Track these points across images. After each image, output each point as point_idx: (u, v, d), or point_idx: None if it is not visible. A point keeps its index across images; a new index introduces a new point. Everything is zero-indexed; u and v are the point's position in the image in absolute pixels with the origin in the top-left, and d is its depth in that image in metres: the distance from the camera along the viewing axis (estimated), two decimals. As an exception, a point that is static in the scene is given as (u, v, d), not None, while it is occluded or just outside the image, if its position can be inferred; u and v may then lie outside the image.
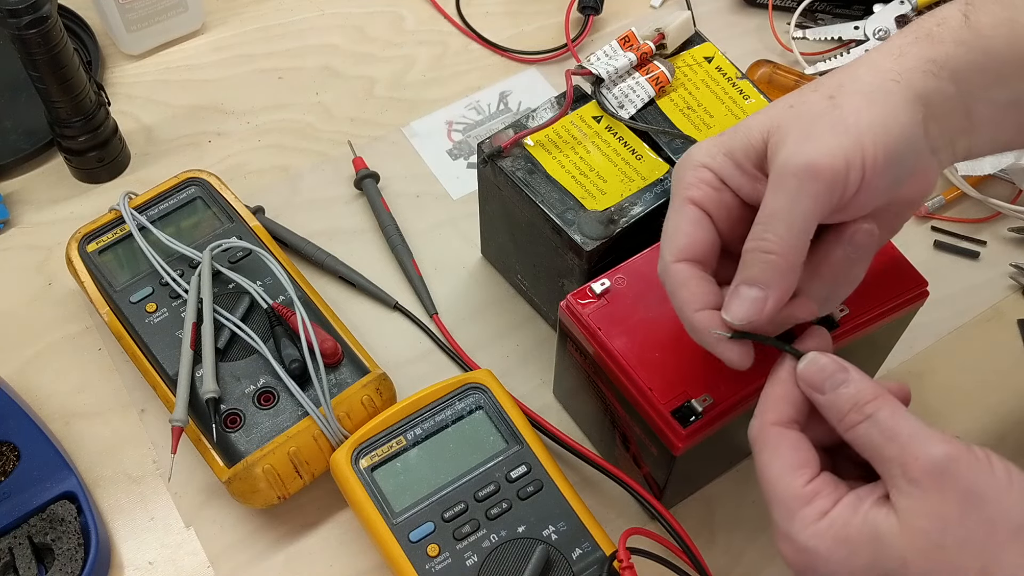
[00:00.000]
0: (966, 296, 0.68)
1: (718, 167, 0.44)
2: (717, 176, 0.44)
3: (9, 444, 0.58)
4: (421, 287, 0.68)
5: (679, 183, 0.45)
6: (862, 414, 0.40)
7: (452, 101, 0.79)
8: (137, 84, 0.80)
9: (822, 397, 0.41)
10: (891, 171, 0.41)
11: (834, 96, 0.42)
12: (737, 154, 0.43)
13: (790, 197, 0.40)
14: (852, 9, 0.82)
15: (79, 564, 0.54)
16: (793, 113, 0.42)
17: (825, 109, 0.41)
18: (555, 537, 0.52)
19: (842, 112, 0.41)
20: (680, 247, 0.44)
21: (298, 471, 0.56)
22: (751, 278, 0.41)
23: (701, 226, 0.44)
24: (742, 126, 0.44)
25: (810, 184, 0.40)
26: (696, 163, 0.44)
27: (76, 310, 0.67)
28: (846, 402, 0.40)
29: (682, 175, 0.45)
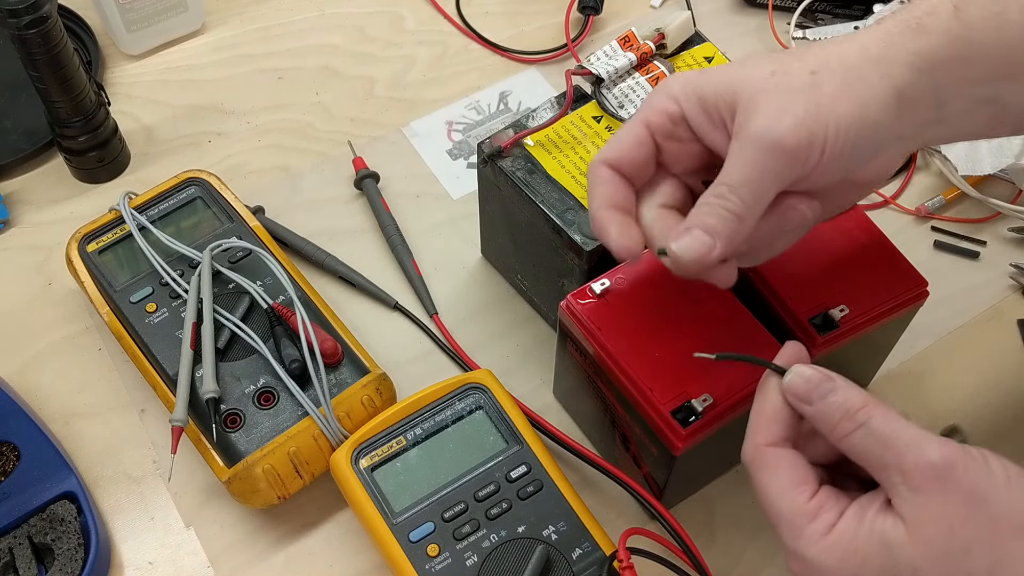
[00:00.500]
0: (966, 296, 0.68)
1: (687, 108, 0.45)
2: (681, 112, 0.45)
3: (9, 444, 0.58)
4: (421, 287, 0.68)
5: (648, 103, 0.47)
6: (854, 422, 0.40)
7: (452, 101, 0.79)
8: (137, 84, 0.80)
9: (811, 408, 0.41)
10: (851, 156, 0.42)
11: (816, 72, 0.42)
12: (708, 101, 0.44)
13: (757, 168, 0.42)
14: (852, 9, 0.82)
15: (79, 564, 0.54)
16: (772, 83, 0.42)
17: (804, 85, 0.42)
18: (555, 537, 0.52)
19: (819, 92, 0.42)
20: (611, 156, 0.46)
21: (298, 471, 0.56)
22: (708, 226, 0.43)
23: (642, 148, 0.46)
24: (719, 73, 0.44)
25: (778, 160, 0.41)
26: (668, 94, 0.46)
27: (76, 310, 0.67)
28: (836, 411, 0.40)
29: (653, 98, 0.46)
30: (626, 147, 0.46)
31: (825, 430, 0.41)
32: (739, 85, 0.43)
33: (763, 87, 0.42)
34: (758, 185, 0.42)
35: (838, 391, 0.41)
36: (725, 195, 0.42)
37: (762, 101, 0.42)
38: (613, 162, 0.47)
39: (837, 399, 0.40)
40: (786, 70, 0.43)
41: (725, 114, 0.44)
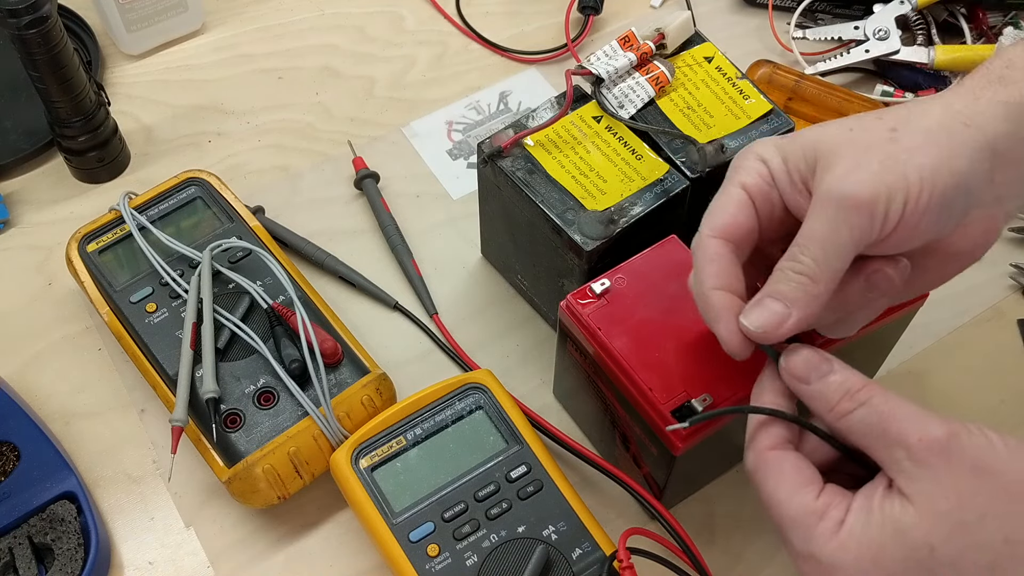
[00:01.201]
0: (966, 296, 0.68)
1: (773, 168, 0.44)
2: (771, 174, 0.44)
3: (9, 444, 0.58)
4: (421, 287, 0.68)
5: (736, 168, 0.45)
6: (855, 401, 0.39)
7: (452, 101, 0.79)
8: (137, 84, 0.80)
9: (809, 387, 0.41)
10: (936, 215, 0.40)
11: (896, 129, 0.41)
12: (790, 162, 0.43)
13: (829, 224, 0.40)
14: (852, 9, 0.82)
15: (79, 564, 0.54)
16: (849, 137, 0.41)
17: (882, 141, 0.41)
18: (555, 537, 0.52)
19: (897, 147, 0.40)
20: (721, 224, 0.44)
21: (298, 471, 0.56)
22: (780, 292, 0.41)
23: (745, 211, 0.44)
24: (800, 136, 0.43)
25: (850, 215, 0.40)
26: (756, 155, 0.44)
27: (76, 310, 0.67)
28: (835, 390, 0.40)
29: (741, 162, 0.45)
30: (732, 214, 0.44)
31: (823, 410, 0.40)
32: (818, 143, 0.42)
33: (840, 142, 0.41)
34: (830, 242, 0.40)
35: (836, 371, 0.40)
36: (796, 256, 0.41)
37: (838, 156, 0.41)
38: (724, 232, 0.44)
39: (836, 379, 0.40)
40: (865, 127, 0.42)
41: (806, 174, 0.42)
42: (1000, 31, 0.76)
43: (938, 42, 0.79)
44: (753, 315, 0.42)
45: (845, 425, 0.40)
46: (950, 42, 0.80)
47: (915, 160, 0.40)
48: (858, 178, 0.40)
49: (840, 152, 0.41)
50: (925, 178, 0.39)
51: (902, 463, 0.38)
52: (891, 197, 0.39)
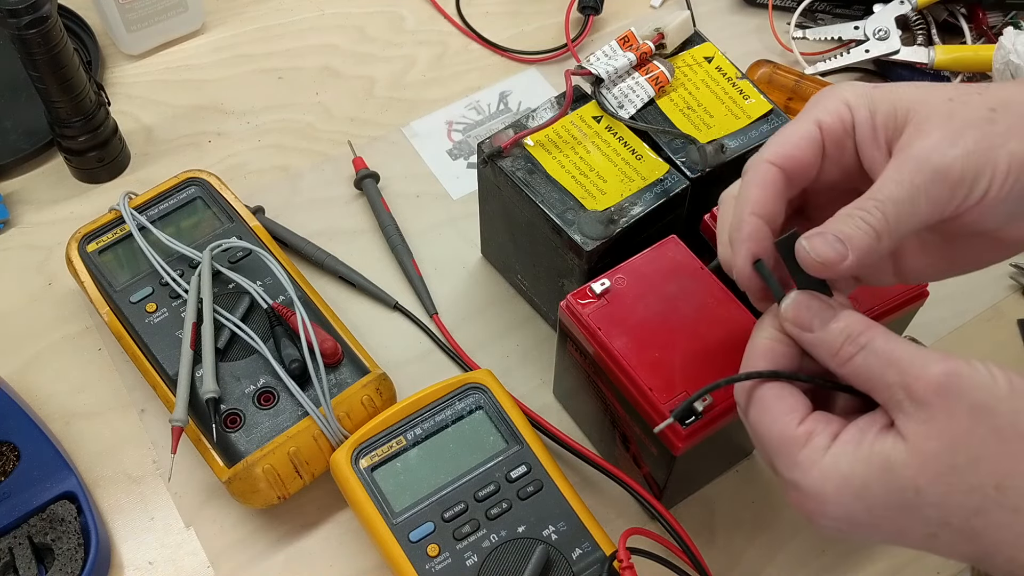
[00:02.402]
0: (966, 296, 0.68)
1: (858, 117, 0.42)
2: (852, 122, 0.42)
3: (9, 444, 0.58)
4: (421, 287, 0.68)
5: (816, 104, 0.43)
6: (856, 345, 0.38)
7: (452, 101, 0.79)
8: (137, 84, 0.80)
9: (811, 335, 0.40)
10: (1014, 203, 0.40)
11: (995, 110, 0.40)
12: (878, 116, 0.42)
13: (910, 190, 0.39)
14: (852, 9, 0.82)
15: (79, 564, 0.54)
16: (948, 108, 0.40)
17: (980, 119, 0.40)
18: (555, 537, 0.52)
19: (994, 129, 0.39)
20: (784, 153, 0.42)
21: (298, 471, 0.56)
22: (846, 235, 0.40)
23: (812, 148, 0.42)
24: (894, 92, 0.42)
25: (933, 186, 0.39)
26: (841, 98, 0.43)
27: (76, 310, 0.67)
28: (837, 336, 0.39)
29: (823, 101, 0.43)
30: (798, 146, 0.42)
31: (826, 357, 0.40)
32: (915, 104, 0.41)
33: (938, 111, 0.40)
34: (906, 206, 0.39)
35: (840, 317, 0.40)
36: (869, 208, 0.40)
37: (934, 125, 0.40)
38: (784, 161, 0.42)
39: (839, 325, 0.39)
40: (965, 100, 0.41)
41: (891, 132, 0.41)
42: (1000, 31, 0.76)
43: (938, 42, 0.79)
44: (817, 243, 0.40)
45: (850, 370, 0.39)
46: (950, 42, 0.80)
47: (1009, 145, 0.39)
48: (952, 153, 0.39)
49: (936, 121, 0.40)
50: (1013, 166, 0.39)
51: (902, 403, 0.37)
52: (977, 178, 0.39)
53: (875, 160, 0.42)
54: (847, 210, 0.40)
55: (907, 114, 0.41)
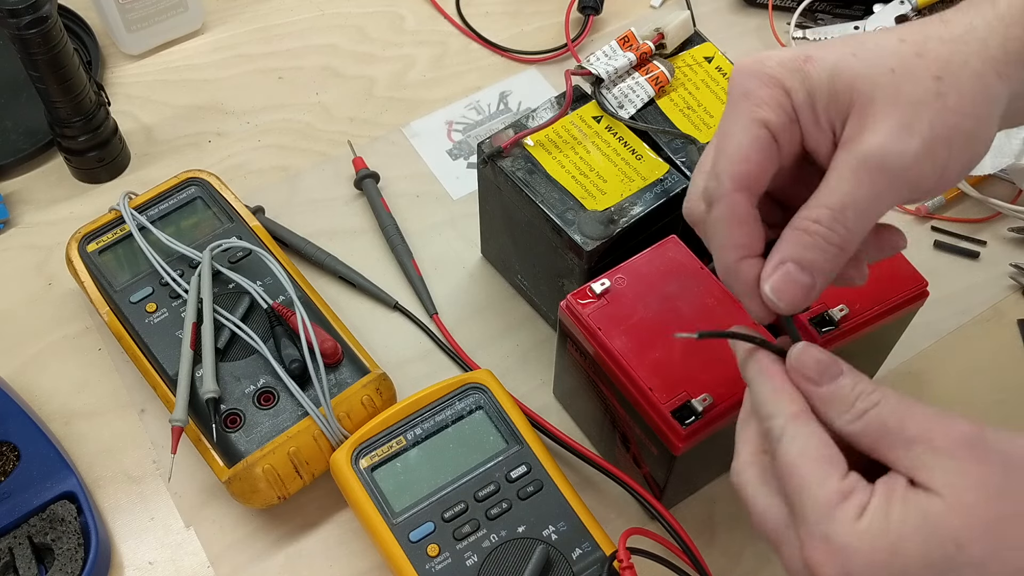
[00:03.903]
0: (966, 296, 0.68)
1: (796, 101, 0.38)
2: (793, 108, 0.39)
3: (9, 444, 0.58)
4: (421, 287, 0.68)
5: (748, 95, 0.39)
6: (870, 401, 0.37)
7: (452, 101, 0.79)
8: (137, 84, 0.80)
9: (821, 389, 0.38)
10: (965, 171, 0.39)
11: (941, 78, 0.37)
12: (818, 98, 0.38)
13: (869, 190, 0.37)
14: (852, 9, 0.82)
15: (79, 564, 0.54)
16: (892, 84, 0.37)
17: (929, 95, 0.37)
18: (555, 537, 0.52)
19: (945, 106, 0.37)
20: (745, 173, 0.38)
21: (298, 471, 0.56)
22: (806, 261, 0.38)
23: (769, 155, 0.39)
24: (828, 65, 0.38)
25: (893, 182, 0.37)
26: (775, 80, 0.39)
27: (76, 310, 0.67)
28: (849, 391, 0.37)
29: (753, 87, 0.39)
30: (755, 160, 0.39)
31: (835, 412, 0.38)
32: (855, 81, 0.38)
33: (882, 90, 0.37)
34: (868, 211, 0.37)
35: (847, 374, 0.38)
36: (827, 222, 0.37)
37: (881, 110, 0.37)
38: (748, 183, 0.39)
39: (848, 380, 0.38)
40: (908, 70, 0.37)
41: (834, 115, 0.38)
42: (1000, 31, 0.76)
43: (938, 42, 0.79)
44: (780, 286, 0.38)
45: (861, 426, 0.37)
46: (950, 42, 0.79)
47: (962, 126, 0.37)
48: (910, 148, 0.37)
49: (883, 104, 0.37)
50: (965, 146, 0.38)
51: (924, 459, 0.35)
52: (934, 165, 0.37)
53: (819, 143, 0.39)
54: (801, 223, 0.38)
55: (849, 94, 0.38)
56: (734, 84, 0.40)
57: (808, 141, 0.39)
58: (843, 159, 0.38)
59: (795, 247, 0.38)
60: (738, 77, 0.40)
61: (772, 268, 0.38)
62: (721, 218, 0.39)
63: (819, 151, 0.39)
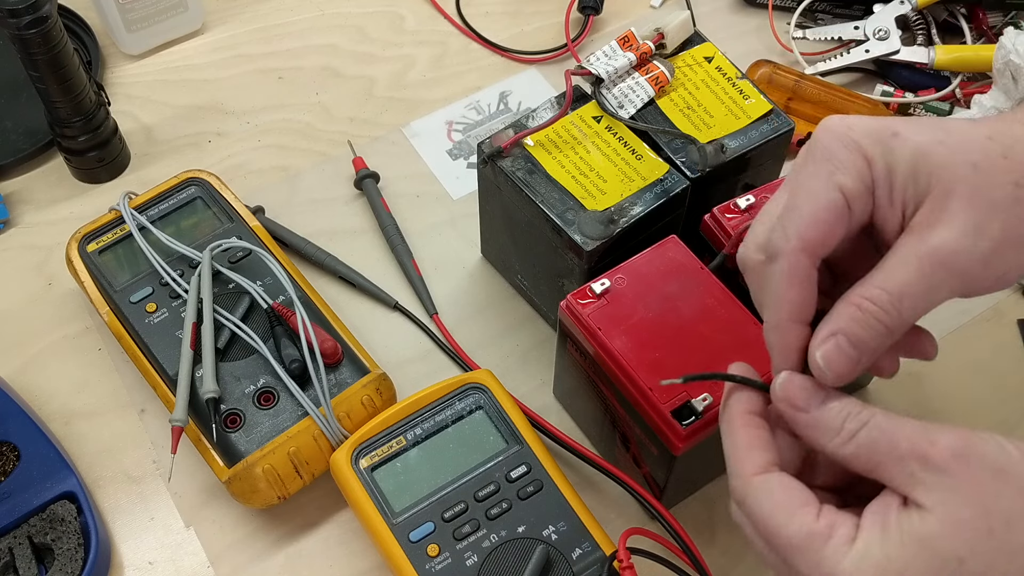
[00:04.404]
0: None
1: (876, 173, 0.38)
2: (872, 179, 0.38)
3: (9, 444, 0.58)
4: (421, 287, 0.68)
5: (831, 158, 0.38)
6: (859, 422, 0.37)
7: (452, 101, 0.79)
8: (137, 84, 0.80)
9: (807, 416, 0.38)
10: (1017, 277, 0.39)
11: (1021, 185, 0.37)
12: (896, 176, 0.38)
13: (934, 287, 0.37)
14: (852, 9, 0.82)
15: (79, 564, 0.54)
16: (973, 181, 0.37)
17: (1007, 199, 0.37)
18: (555, 537, 0.52)
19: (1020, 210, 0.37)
20: (815, 237, 0.38)
21: (298, 471, 0.56)
22: (858, 339, 0.37)
23: (842, 222, 0.38)
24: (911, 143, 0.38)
25: (955, 280, 0.37)
26: (859, 149, 0.38)
27: (76, 310, 0.67)
28: (836, 414, 0.38)
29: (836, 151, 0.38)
30: (829, 224, 0.38)
31: (824, 437, 0.38)
32: (937, 170, 0.37)
33: (962, 184, 0.37)
34: (925, 302, 0.37)
35: (834, 397, 0.38)
36: (884, 304, 0.37)
37: (957, 205, 0.37)
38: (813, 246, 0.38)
39: (836, 404, 0.38)
40: (992, 169, 0.37)
41: (909, 197, 0.38)
42: (1000, 31, 0.76)
43: (938, 42, 0.79)
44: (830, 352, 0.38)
45: (852, 449, 0.37)
46: (950, 42, 0.80)
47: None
48: (977, 249, 0.36)
49: (959, 199, 0.37)
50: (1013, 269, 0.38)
51: (917, 474, 0.35)
52: (997, 269, 0.37)
53: (887, 221, 0.39)
54: (857, 299, 0.38)
55: (928, 180, 0.37)
56: (819, 143, 0.39)
57: (877, 215, 0.39)
58: (910, 246, 0.37)
59: (848, 321, 0.38)
60: (824, 137, 0.39)
61: (823, 338, 0.38)
62: (781, 274, 0.39)
63: (885, 228, 0.39)
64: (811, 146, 0.40)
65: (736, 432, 0.40)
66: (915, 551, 0.35)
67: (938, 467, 0.35)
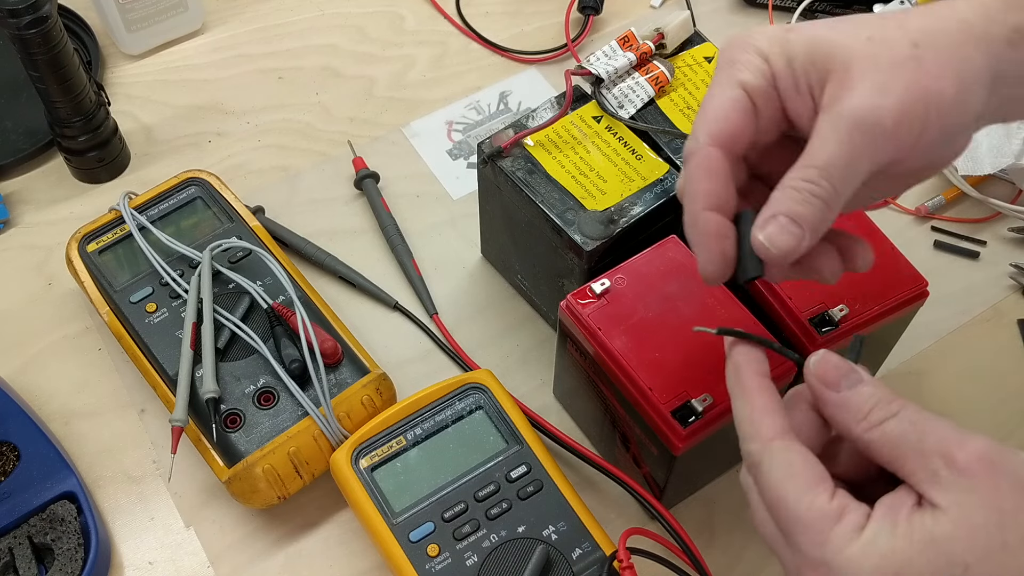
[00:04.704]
0: (966, 296, 0.68)
1: (776, 68, 0.40)
2: (772, 74, 0.40)
3: (9, 444, 0.58)
4: (421, 287, 0.68)
5: (732, 61, 0.41)
6: (888, 411, 0.36)
7: (452, 101, 0.79)
8: (137, 84, 0.80)
9: (837, 395, 0.38)
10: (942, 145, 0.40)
11: (918, 45, 0.38)
12: (797, 65, 0.39)
13: (851, 150, 0.38)
14: (852, 9, 0.82)
15: (79, 564, 0.54)
16: (870, 51, 0.38)
17: (906, 59, 0.38)
18: (555, 537, 0.52)
19: (923, 69, 0.38)
20: (720, 130, 0.40)
21: (298, 471, 0.56)
22: (798, 215, 0.38)
23: (746, 116, 0.40)
24: (807, 35, 0.40)
25: (875, 140, 0.38)
26: (755, 49, 0.40)
27: (76, 310, 0.67)
28: (867, 399, 0.37)
29: (736, 54, 0.41)
30: (733, 120, 0.40)
31: (850, 420, 0.37)
32: (833, 49, 0.39)
33: (860, 55, 0.38)
34: (852, 168, 0.38)
35: (867, 382, 0.38)
36: (815, 179, 0.38)
37: (858, 73, 0.38)
38: (724, 140, 0.40)
39: (867, 389, 0.37)
40: (885, 37, 0.39)
41: (814, 81, 0.39)
42: (1000, 31, 0.76)
43: (938, 42, 0.79)
44: (772, 232, 0.39)
45: (877, 435, 0.36)
46: (950, 42, 0.79)
47: (937, 87, 0.38)
48: (884, 104, 0.37)
49: (860, 68, 0.38)
50: (943, 110, 0.38)
51: (939, 473, 0.35)
52: (912, 126, 0.38)
53: (800, 112, 0.40)
54: (791, 183, 0.39)
55: (827, 60, 0.39)
56: (721, 55, 0.42)
57: (790, 109, 0.41)
58: (825, 121, 0.39)
59: (786, 202, 0.39)
60: (726, 48, 0.42)
61: (764, 221, 0.39)
62: (695, 168, 0.40)
63: (801, 119, 0.40)
64: (718, 58, 0.42)
65: (752, 394, 0.40)
66: (922, 548, 0.34)
67: (961, 469, 0.34)
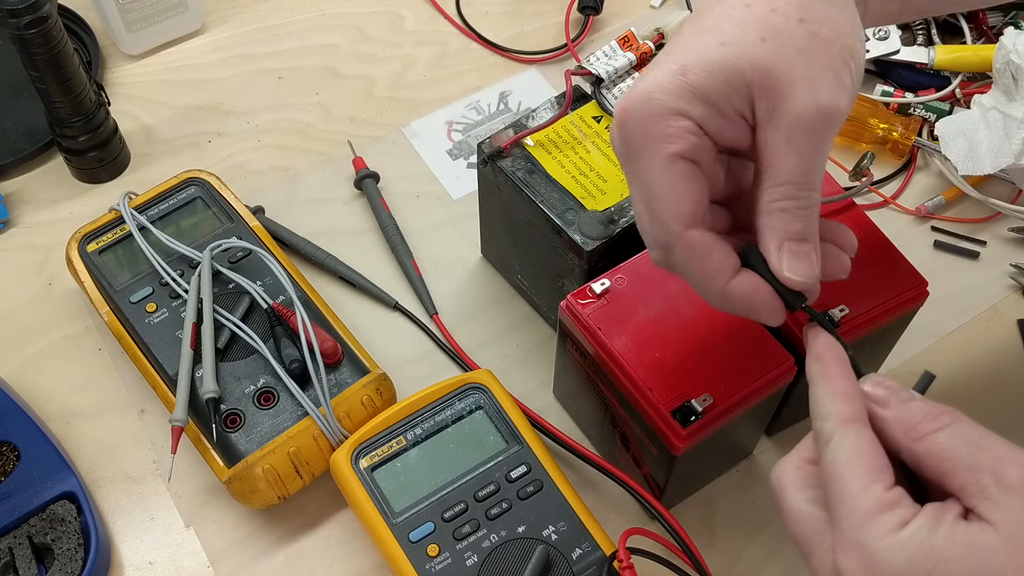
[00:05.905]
0: (966, 296, 0.68)
1: (697, 117, 0.39)
2: (698, 127, 0.39)
3: (9, 444, 0.58)
4: (421, 287, 0.68)
5: (654, 137, 0.39)
6: (938, 423, 0.36)
7: (452, 101, 0.79)
8: (137, 84, 0.80)
9: (888, 411, 0.38)
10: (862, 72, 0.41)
11: (804, 20, 0.39)
12: (717, 99, 0.39)
13: (816, 150, 0.39)
14: None
15: (79, 564, 0.54)
16: (775, 50, 0.38)
17: (806, 40, 0.39)
18: (555, 537, 0.52)
19: (822, 40, 0.39)
20: (686, 212, 0.39)
21: (298, 471, 0.56)
22: (799, 233, 0.39)
23: (698, 183, 0.40)
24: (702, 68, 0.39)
25: (833, 129, 0.39)
26: (669, 110, 0.39)
27: (76, 310, 0.67)
28: (916, 411, 0.37)
29: (653, 128, 0.39)
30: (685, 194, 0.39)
31: (899, 432, 0.37)
32: (742, 70, 0.38)
33: (773, 60, 0.38)
34: (819, 165, 0.39)
35: (917, 398, 0.38)
36: (794, 194, 0.39)
37: (784, 76, 0.38)
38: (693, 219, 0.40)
39: (918, 404, 0.38)
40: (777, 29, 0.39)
41: (739, 104, 0.39)
42: (1000, 31, 0.76)
43: (938, 42, 0.79)
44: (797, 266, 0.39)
45: (927, 446, 0.36)
46: (950, 42, 0.79)
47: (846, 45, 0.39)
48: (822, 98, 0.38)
49: (777, 72, 0.38)
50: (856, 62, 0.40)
51: (989, 488, 0.34)
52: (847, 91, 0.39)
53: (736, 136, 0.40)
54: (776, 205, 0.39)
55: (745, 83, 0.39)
56: (628, 133, 0.40)
57: (726, 141, 0.40)
58: (773, 135, 0.39)
59: (779, 228, 0.39)
60: (630, 124, 0.40)
61: (776, 257, 0.40)
62: (686, 260, 0.40)
63: (738, 141, 0.40)
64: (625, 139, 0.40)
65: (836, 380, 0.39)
66: (960, 553, 0.34)
67: (1013, 487, 0.34)
